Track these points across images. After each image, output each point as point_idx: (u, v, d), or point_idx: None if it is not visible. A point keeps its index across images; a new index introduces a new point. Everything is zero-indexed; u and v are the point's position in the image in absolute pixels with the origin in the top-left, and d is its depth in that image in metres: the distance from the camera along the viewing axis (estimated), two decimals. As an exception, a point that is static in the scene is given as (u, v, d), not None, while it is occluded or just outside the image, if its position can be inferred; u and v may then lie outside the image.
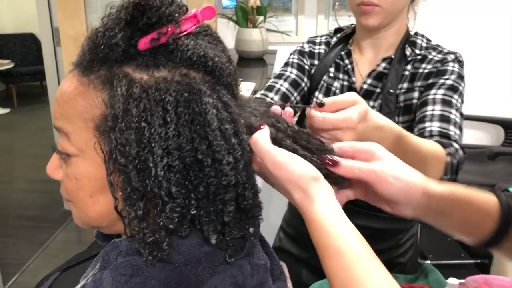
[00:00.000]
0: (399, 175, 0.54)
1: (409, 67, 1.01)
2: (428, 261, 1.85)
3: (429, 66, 0.98)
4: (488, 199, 0.56)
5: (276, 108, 0.58)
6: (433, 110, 0.91)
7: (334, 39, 1.12)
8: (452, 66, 0.96)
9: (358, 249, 0.47)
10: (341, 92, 1.06)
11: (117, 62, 0.47)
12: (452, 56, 0.98)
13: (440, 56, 0.99)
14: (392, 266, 1.08)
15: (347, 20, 1.25)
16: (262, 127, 0.52)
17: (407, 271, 1.07)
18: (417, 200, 0.55)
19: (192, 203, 0.47)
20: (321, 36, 1.16)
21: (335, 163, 0.54)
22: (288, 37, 2.38)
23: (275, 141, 0.52)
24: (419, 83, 0.98)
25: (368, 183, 0.54)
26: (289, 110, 0.60)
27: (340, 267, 0.46)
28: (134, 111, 0.45)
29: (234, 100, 0.51)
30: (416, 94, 0.98)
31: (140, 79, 0.46)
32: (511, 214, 0.54)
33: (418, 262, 1.82)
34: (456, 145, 0.85)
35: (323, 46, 1.13)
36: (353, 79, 1.06)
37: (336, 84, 1.07)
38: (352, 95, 0.61)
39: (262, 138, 0.51)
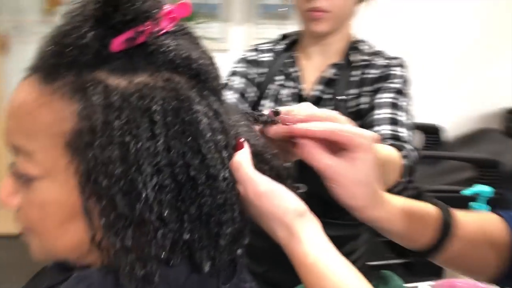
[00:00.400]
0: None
1: (356, 72, 1.01)
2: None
3: (376, 71, 1.00)
4: (429, 208, 0.57)
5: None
6: (383, 114, 0.92)
7: (280, 46, 1.10)
8: (397, 71, 0.99)
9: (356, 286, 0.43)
10: (291, 99, 1.05)
11: (87, 67, 0.40)
12: (397, 61, 1.01)
13: (385, 61, 1.01)
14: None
15: (276, 29, 1.23)
16: (242, 142, 0.46)
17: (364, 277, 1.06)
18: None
19: (185, 226, 0.41)
20: (266, 43, 1.14)
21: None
22: (215, 44, 2.34)
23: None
24: (367, 88, 1.00)
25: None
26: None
27: None
28: (116, 124, 0.38)
29: (223, 107, 0.46)
30: (365, 99, 0.99)
31: (117, 85, 0.40)
32: (450, 224, 0.55)
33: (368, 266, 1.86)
34: (409, 147, 0.86)
35: (269, 54, 1.10)
36: (302, 86, 1.05)
37: (284, 91, 1.05)
38: (304, 105, 0.56)
39: (245, 162, 0.45)
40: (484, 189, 0.83)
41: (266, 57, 1.10)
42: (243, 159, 0.45)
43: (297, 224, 0.44)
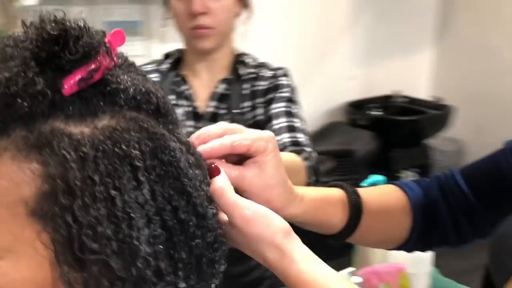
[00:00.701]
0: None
1: (246, 86, 1.04)
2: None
3: (265, 83, 1.04)
4: (337, 192, 0.59)
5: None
6: (280, 123, 0.97)
7: (165, 66, 1.07)
8: (283, 80, 1.04)
9: None
10: (186, 118, 1.03)
11: (39, 116, 0.33)
12: (282, 71, 1.06)
13: (271, 72, 1.05)
14: (263, 280, 1.09)
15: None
16: (216, 167, 0.44)
17: (277, 284, 1.09)
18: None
19: (180, 275, 0.37)
20: (148, 64, 1.10)
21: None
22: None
23: None
24: (260, 100, 1.03)
25: None
26: None
27: None
28: (97, 178, 0.32)
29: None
30: (260, 111, 1.02)
31: (82, 134, 0.34)
32: (359, 204, 0.59)
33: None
34: (308, 149, 0.92)
35: (155, 74, 1.06)
36: (195, 103, 1.04)
37: (179, 110, 1.03)
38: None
39: (227, 188, 0.42)
40: (378, 178, 0.92)
41: (153, 78, 1.06)
42: (224, 184, 0.42)
43: (287, 244, 0.43)
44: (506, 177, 0.61)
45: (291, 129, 0.96)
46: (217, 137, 0.47)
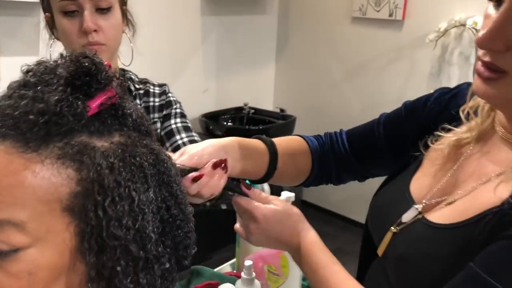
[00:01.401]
0: None
1: (138, 101, 1.10)
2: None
3: (157, 99, 1.12)
4: (258, 143, 0.79)
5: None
6: (181, 138, 1.07)
7: None
8: (171, 97, 1.13)
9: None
10: None
11: (71, 132, 0.41)
12: (167, 88, 1.14)
13: (159, 88, 1.13)
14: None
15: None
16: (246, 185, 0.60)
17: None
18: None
19: (167, 257, 0.47)
20: None
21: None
22: None
23: None
24: (156, 115, 1.11)
25: None
26: None
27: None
28: (122, 182, 0.42)
29: None
30: (157, 125, 1.10)
31: (102, 147, 0.43)
32: (275, 150, 0.79)
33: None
34: None
35: None
36: None
37: None
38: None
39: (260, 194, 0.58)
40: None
41: None
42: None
43: (305, 229, 0.62)
44: (374, 141, 0.83)
45: (193, 142, 1.07)
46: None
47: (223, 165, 0.63)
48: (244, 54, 3.12)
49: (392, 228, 0.68)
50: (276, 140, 0.80)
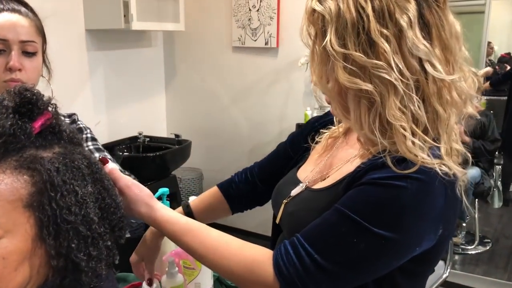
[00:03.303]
0: None
1: None
2: None
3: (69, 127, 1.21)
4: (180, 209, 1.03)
5: None
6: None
7: None
8: (81, 124, 1.25)
9: (198, 224, 0.76)
10: None
11: (23, 147, 0.54)
12: (76, 117, 1.26)
13: (68, 119, 1.24)
14: None
15: None
16: (105, 157, 0.70)
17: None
18: None
19: (108, 236, 0.60)
20: None
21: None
22: None
23: None
24: None
25: None
26: None
27: (195, 236, 0.73)
28: (68, 180, 0.55)
29: None
30: None
31: (47, 157, 0.55)
32: (191, 213, 1.04)
33: None
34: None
35: None
36: None
37: None
38: None
39: (115, 169, 0.69)
40: (164, 190, 1.22)
41: None
42: (113, 166, 0.69)
43: (153, 202, 0.74)
44: (279, 162, 1.07)
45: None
46: None
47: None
48: (134, 85, 3.22)
49: (285, 200, 0.90)
50: (194, 202, 1.07)
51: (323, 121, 1.02)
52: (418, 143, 0.69)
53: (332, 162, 0.89)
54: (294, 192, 0.89)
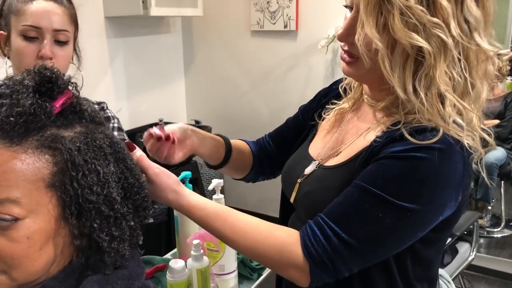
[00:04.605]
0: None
1: None
2: None
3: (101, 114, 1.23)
4: (219, 137, 1.03)
5: None
6: None
7: None
8: (109, 112, 1.26)
9: (226, 209, 0.76)
10: None
11: (44, 127, 0.53)
12: (105, 105, 1.27)
13: (97, 106, 1.25)
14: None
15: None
16: (131, 143, 0.69)
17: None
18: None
19: (130, 216, 0.60)
20: None
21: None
22: None
23: None
24: None
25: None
26: None
27: (224, 221, 0.74)
28: (89, 160, 0.55)
29: None
30: None
31: (69, 136, 0.55)
32: (230, 145, 1.02)
33: None
34: None
35: None
36: None
37: None
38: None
39: (143, 155, 0.69)
40: (187, 173, 1.23)
41: None
42: (141, 153, 0.69)
43: (181, 188, 0.73)
44: (287, 134, 1.07)
45: None
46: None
47: (168, 137, 0.82)
48: (153, 71, 3.24)
49: (299, 180, 0.89)
50: (231, 140, 1.06)
51: (329, 97, 1.01)
52: (452, 112, 0.68)
53: (344, 137, 0.87)
54: (307, 170, 0.88)
